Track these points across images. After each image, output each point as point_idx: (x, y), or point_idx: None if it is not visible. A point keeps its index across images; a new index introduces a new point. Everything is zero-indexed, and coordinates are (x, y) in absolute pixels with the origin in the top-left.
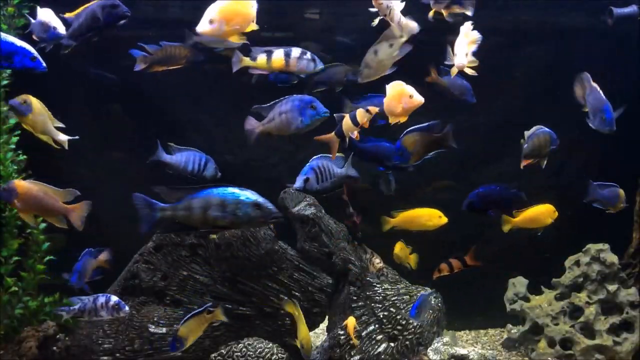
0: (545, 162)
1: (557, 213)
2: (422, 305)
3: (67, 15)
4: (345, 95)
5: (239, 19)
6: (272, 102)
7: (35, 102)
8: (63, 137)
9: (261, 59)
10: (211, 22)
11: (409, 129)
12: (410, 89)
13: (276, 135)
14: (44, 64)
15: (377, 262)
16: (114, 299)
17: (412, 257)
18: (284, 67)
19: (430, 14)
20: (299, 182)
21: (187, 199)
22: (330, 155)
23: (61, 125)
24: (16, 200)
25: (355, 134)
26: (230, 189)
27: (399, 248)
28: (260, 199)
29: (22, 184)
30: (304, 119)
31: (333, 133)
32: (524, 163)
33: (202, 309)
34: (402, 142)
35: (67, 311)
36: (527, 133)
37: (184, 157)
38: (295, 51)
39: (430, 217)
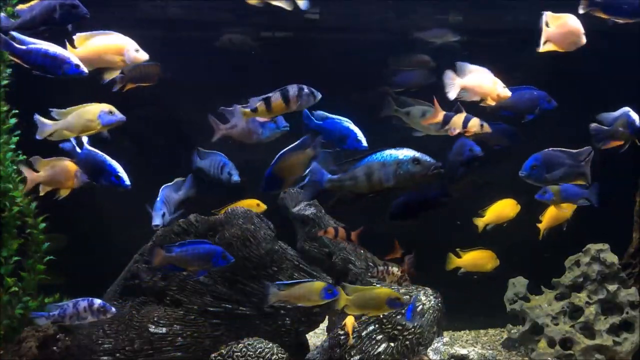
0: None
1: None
2: (416, 307)
3: (20, 7)
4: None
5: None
6: None
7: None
8: None
9: (261, 107)
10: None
11: (282, 152)
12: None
13: (238, 141)
14: (128, 182)
15: (395, 270)
16: (98, 301)
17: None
18: (286, 109)
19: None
20: (157, 220)
21: (351, 169)
22: (176, 185)
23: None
24: None
25: (453, 132)
26: (388, 151)
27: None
28: (418, 154)
29: None
30: (264, 131)
31: (442, 113)
32: (608, 145)
33: None
34: (273, 170)
35: (47, 317)
36: (609, 114)
37: (209, 162)
38: (292, 90)
39: (512, 207)
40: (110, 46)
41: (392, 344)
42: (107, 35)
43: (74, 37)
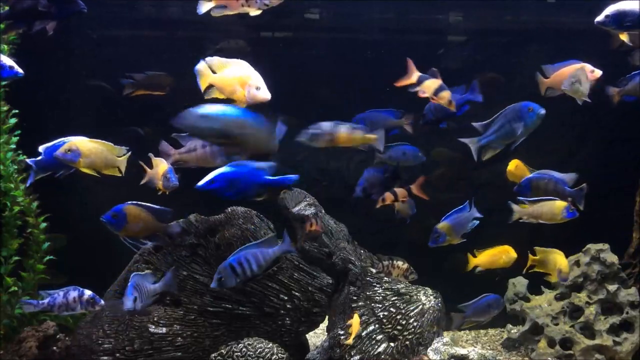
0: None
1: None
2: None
3: None
4: None
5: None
6: None
7: (83, 145)
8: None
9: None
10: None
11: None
12: None
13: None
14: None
15: (401, 264)
16: (88, 292)
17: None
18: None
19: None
20: (129, 304)
21: None
22: (146, 276)
23: (123, 148)
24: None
25: (422, 94)
26: None
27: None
28: None
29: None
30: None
31: (417, 74)
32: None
33: None
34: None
35: (35, 305)
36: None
37: None
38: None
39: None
40: (237, 78)
41: (392, 344)
42: (238, 66)
43: (210, 61)
